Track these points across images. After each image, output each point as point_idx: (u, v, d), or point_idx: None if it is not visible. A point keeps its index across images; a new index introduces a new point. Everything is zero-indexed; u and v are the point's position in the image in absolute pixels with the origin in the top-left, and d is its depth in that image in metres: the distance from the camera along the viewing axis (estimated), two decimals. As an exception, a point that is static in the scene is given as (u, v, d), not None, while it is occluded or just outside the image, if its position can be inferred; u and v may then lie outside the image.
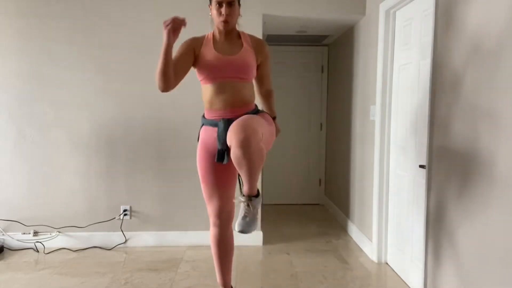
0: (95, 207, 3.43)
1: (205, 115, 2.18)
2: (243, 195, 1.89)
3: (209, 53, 2.11)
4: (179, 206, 3.47)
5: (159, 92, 3.46)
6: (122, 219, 3.44)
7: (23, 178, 3.37)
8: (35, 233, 3.41)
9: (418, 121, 2.58)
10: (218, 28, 2.13)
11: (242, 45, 2.14)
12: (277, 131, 2.30)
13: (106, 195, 3.43)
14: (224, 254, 2.27)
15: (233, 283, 2.74)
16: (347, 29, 3.98)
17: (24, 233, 3.40)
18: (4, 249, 3.36)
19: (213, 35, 2.18)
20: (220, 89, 2.07)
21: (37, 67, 3.31)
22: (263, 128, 1.93)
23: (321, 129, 5.00)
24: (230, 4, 2.05)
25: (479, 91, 1.88)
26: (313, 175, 5.05)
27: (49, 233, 3.42)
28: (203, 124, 2.20)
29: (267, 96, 2.37)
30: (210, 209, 2.22)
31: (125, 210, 3.43)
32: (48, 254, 3.29)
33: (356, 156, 3.69)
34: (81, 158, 3.38)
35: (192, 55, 2.15)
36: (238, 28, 2.23)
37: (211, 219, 2.24)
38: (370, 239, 3.26)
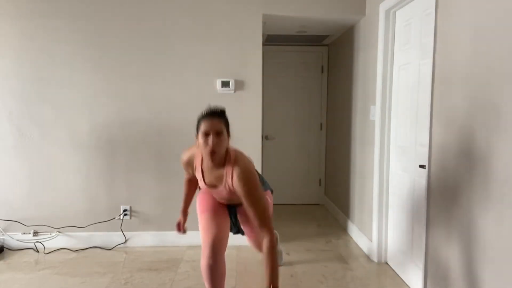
0: (95, 207, 3.43)
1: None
2: None
3: (198, 179, 2.19)
4: (179, 206, 3.47)
5: (159, 92, 3.48)
6: (122, 219, 3.44)
7: (23, 178, 3.37)
8: (35, 233, 3.41)
9: (418, 122, 2.58)
10: (205, 158, 1.99)
11: (225, 178, 2.04)
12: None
13: (106, 195, 3.43)
14: (220, 281, 2.13)
15: (233, 283, 2.75)
16: (347, 29, 3.98)
17: (24, 233, 3.40)
18: (4, 249, 3.37)
19: (202, 160, 2.10)
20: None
21: (37, 67, 3.31)
22: (266, 201, 2.03)
23: (321, 129, 5.00)
24: (217, 134, 1.91)
25: (479, 91, 1.88)
26: (313, 175, 5.05)
27: (49, 233, 3.42)
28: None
29: (264, 251, 1.93)
30: (206, 240, 2.11)
31: (125, 210, 3.43)
32: (48, 254, 3.29)
33: (356, 156, 3.69)
34: (81, 158, 3.38)
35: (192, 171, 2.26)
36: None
37: (207, 251, 2.08)
38: (370, 239, 3.26)
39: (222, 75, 3.38)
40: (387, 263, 3.10)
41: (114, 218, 3.44)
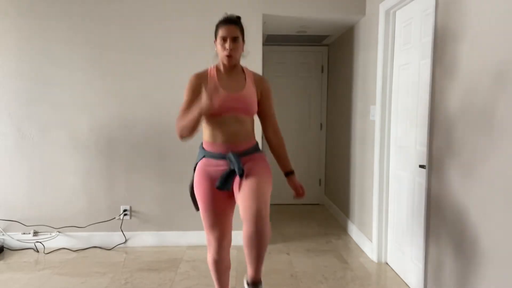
0: (95, 207, 3.43)
1: (205, 147, 2.16)
2: (247, 284, 1.94)
3: (214, 88, 2.13)
4: (179, 206, 3.47)
5: (159, 92, 3.48)
6: (122, 219, 3.44)
7: (23, 178, 3.37)
8: (35, 233, 3.41)
9: (418, 121, 2.58)
10: (222, 63, 2.12)
11: (245, 80, 2.15)
12: (298, 187, 2.44)
13: (106, 195, 3.43)
14: (225, 274, 2.31)
15: (233, 283, 2.75)
16: (347, 29, 3.98)
17: (24, 233, 3.40)
18: (4, 249, 3.37)
19: (217, 70, 2.17)
20: (224, 123, 2.08)
21: (37, 67, 3.31)
22: (269, 190, 2.08)
23: (321, 129, 5.00)
24: (234, 39, 2.07)
25: (479, 91, 1.88)
26: (313, 175, 5.05)
27: (49, 233, 3.42)
28: (204, 156, 2.16)
29: (278, 146, 2.29)
30: (211, 237, 2.16)
31: (125, 210, 3.43)
32: (48, 254, 3.29)
33: (356, 156, 3.69)
34: (81, 158, 3.38)
35: (201, 91, 2.14)
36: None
37: (212, 247, 2.19)
38: (370, 239, 3.26)
39: (222, 75, 3.38)
40: (387, 263, 3.10)
41: (114, 218, 3.44)
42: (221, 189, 2.07)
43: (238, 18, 2.21)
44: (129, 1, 3.31)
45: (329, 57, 4.89)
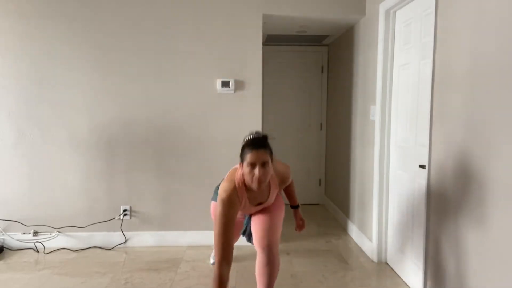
0: (95, 207, 3.43)
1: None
2: None
3: (245, 207, 2.20)
4: (179, 206, 3.47)
5: (159, 92, 3.48)
6: (122, 219, 3.44)
7: (23, 178, 3.37)
8: (35, 233, 3.41)
9: (418, 121, 2.58)
10: (252, 187, 2.02)
11: (269, 190, 2.22)
12: (299, 220, 2.61)
13: (106, 195, 3.43)
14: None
15: (233, 283, 2.75)
16: (347, 29, 3.98)
17: (24, 233, 3.40)
18: (4, 249, 3.37)
19: (247, 189, 2.11)
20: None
21: (37, 67, 3.31)
22: (281, 221, 2.28)
23: (321, 129, 5.00)
24: (264, 165, 1.94)
25: (479, 91, 1.88)
26: (313, 175, 5.05)
27: (49, 233, 3.42)
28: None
29: (290, 186, 2.54)
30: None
31: (125, 210, 3.43)
32: (48, 254, 3.29)
33: (356, 156, 3.69)
34: (81, 158, 3.38)
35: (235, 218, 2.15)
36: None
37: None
38: (370, 239, 3.26)
39: (222, 75, 3.38)
40: (387, 263, 3.10)
41: (114, 218, 3.44)
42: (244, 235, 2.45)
43: (266, 139, 2.05)
44: (129, 2, 3.31)
45: (329, 57, 4.89)
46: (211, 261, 3.08)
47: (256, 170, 1.93)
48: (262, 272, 2.15)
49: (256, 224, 2.24)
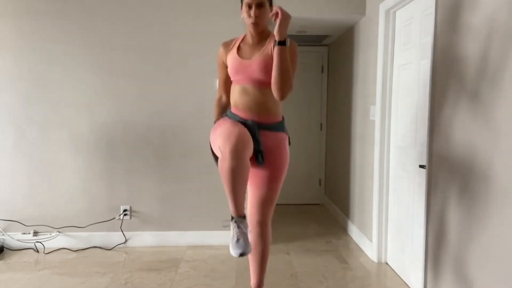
0: (95, 207, 3.43)
1: (232, 110, 2.17)
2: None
3: (232, 57, 2.13)
4: (179, 206, 3.47)
5: (159, 92, 3.48)
6: (122, 219, 3.44)
7: (23, 178, 3.37)
8: (35, 233, 3.41)
9: (418, 121, 2.58)
10: (249, 30, 2.11)
11: (265, 47, 2.08)
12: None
13: (106, 195, 3.43)
14: (243, 183, 1.92)
15: (233, 283, 2.75)
16: (347, 29, 3.98)
17: (24, 233, 3.40)
18: (4, 249, 3.37)
19: (245, 37, 2.18)
20: (242, 93, 2.09)
21: (37, 67, 3.31)
22: (278, 190, 2.19)
23: (321, 129, 5.00)
24: (259, 6, 2.03)
25: (479, 91, 1.88)
26: (313, 175, 5.05)
27: (49, 233, 3.42)
28: (226, 115, 2.19)
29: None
30: (228, 144, 1.85)
31: (125, 210, 3.43)
32: (48, 254, 3.29)
33: (356, 156, 3.69)
34: (81, 158, 3.38)
35: (225, 65, 2.23)
36: (270, 28, 2.16)
37: (228, 151, 1.83)
38: (370, 239, 3.26)
39: (222, 75, 3.38)
40: (387, 263, 3.10)
41: (114, 218, 3.44)
42: (260, 164, 2.08)
43: None
44: (129, 1, 3.31)
45: (329, 57, 4.89)
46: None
47: (252, 11, 2.01)
48: (252, 249, 2.14)
49: (253, 197, 2.15)
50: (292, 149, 5.10)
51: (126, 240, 3.45)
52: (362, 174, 3.50)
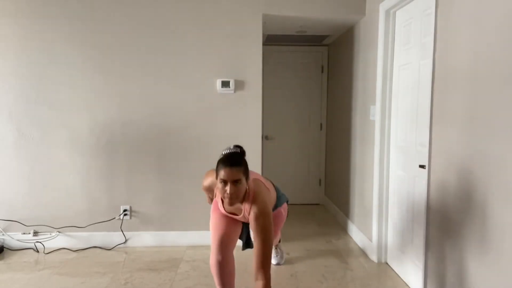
0: (95, 207, 3.43)
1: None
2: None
3: (219, 206, 2.31)
4: (179, 206, 3.47)
5: (159, 92, 3.48)
6: (122, 219, 3.44)
7: (23, 178, 3.37)
8: (35, 233, 3.41)
9: (418, 121, 2.58)
10: (224, 202, 2.12)
11: (242, 211, 2.21)
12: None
13: (106, 195, 3.43)
14: (230, 276, 2.26)
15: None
16: (347, 29, 3.98)
17: (24, 233, 3.40)
18: (4, 249, 3.37)
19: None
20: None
21: (37, 67, 3.31)
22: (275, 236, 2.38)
23: (321, 129, 5.00)
24: (235, 183, 1.93)
25: (479, 91, 1.88)
26: (313, 175, 5.05)
27: (49, 233, 3.42)
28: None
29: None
30: (214, 238, 2.27)
31: (125, 210, 3.43)
32: (48, 254, 3.29)
33: (356, 156, 3.69)
34: (81, 158, 3.38)
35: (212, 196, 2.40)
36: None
37: (215, 247, 2.26)
38: (370, 239, 3.26)
39: (222, 75, 3.38)
40: (387, 263, 3.10)
41: (114, 218, 3.44)
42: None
43: (241, 155, 2.04)
44: (129, 1, 3.31)
45: (329, 57, 4.89)
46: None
47: (227, 188, 1.93)
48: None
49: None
50: (292, 149, 5.11)
51: (126, 240, 3.45)
52: (362, 174, 3.50)
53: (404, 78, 2.80)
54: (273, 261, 3.00)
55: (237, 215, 2.25)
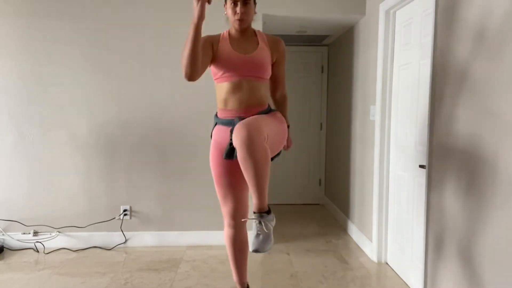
0: (95, 207, 3.43)
1: (218, 114, 2.15)
2: (254, 212, 1.85)
3: (226, 50, 2.07)
4: (179, 206, 3.47)
5: (159, 92, 3.47)
6: (122, 219, 3.44)
7: (23, 178, 3.37)
8: (35, 233, 3.41)
9: (418, 121, 2.58)
10: (234, 27, 2.11)
11: (258, 43, 2.12)
12: (289, 142, 2.31)
13: (106, 195, 3.43)
14: (240, 253, 2.27)
15: (233, 283, 2.74)
16: (347, 29, 3.98)
17: (24, 233, 3.40)
18: (4, 249, 3.37)
19: (229, 34, 2.16)
20: (236, 88, 2.04)
21: (37, 67, 3.31)
22: (270, 128, 1.90)
23: (321, 129, 5.00)
24: (245, 3, 2.03)
25: (479, 91, 1.88)
26: (313, 175, 5.05)
27: (49, 233, 3.42)
28: (216, 124, 2.18)
29: (281, 102, 2.32)
30: (224, 210, 2.19)
31: (125, 210, 3.43)
32: (48, 254, 3.29)
33: (356, 156, 3.69)
34: (81, 158, 3.38)
35: (211, 49, 2.10)
36: (253, 26, 2.19)
37: (226, 220, 2.21)
38: (370, 239, 3.26)
39: (222, 75, 3.38)
40: (387, 263, 3.10)
41: (114, 218, 3.44)
42: (228, 159, 2.01)
43: None
44: (129, 2, 3.31)
45: (329, 57, 4.89)
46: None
47: (238, 8, 2.01)
48: (245, 172, 1.78)
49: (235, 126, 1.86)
50: (292, 149, 5.10)
51: (126, 240, 3.45)
52: (362, 174, 3.50)
53: (404, 78, 2.80)
54: (251, 246, 1.83)
55: (246, 53, 2.06)
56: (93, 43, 3.32)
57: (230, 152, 1.98)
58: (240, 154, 1.76)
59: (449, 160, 2.13)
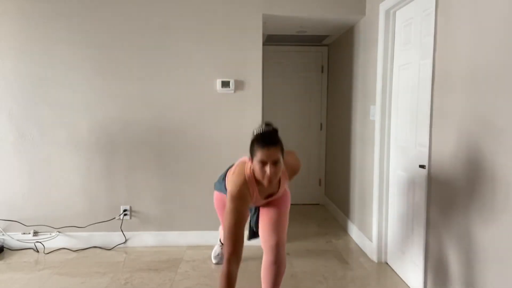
0: (95, 207, 3.43)
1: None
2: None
3: (254, 197, 2.09)
4: (179, 206, 3.47)
5: (159, 92, 3.48)
6: (122, 219, 3.44)
7: (23, 178, 3.37)
8: (35, 233, 3.41)
9: (418, 121, 2.58)
10: (262, 182, 1.96)
11: (280, 181, 2.16)
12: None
13: (106, 195, 3.43)
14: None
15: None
16: (347, 29, 3.98)
17: (24, 233, 3.40)
18: (4, 249, 3.37)
19: (256, 180, 2.02)
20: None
21: (37, 67, 3.31)
22: (287, 219, 2.24)
23: (321, 129, 5.00)
24: (275, 163, 1.86)
25: (479, 91, 1.88)
26: (313, 175, 5.05)
27: (49, 233, 3.42)
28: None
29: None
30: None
31: (125, 210, 3.43)
32: (48, 254, 3.29)
33: (356, 156, 3.69)
34: (81, 158, 3.38)
35: (248, 208, 2.05)
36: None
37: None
38: (370, 239, 3.26)
39: (222, 75, 3.38)
40: (387, 263, 3.10)
41: (114, 218, 3.44)
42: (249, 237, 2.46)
43: (276, 132, 1.96)
44: (130, 1, 3.31)
45: (329, 57, 4.89)
46: (213, 260, 3.08)
47: (267, 168, 1.85)
48: (269, 271, 2.11)
49: (264, 222, 2.19)
50: (293, 149, 5.10)
51: (126, 240, 3.45)
52: (362, 174, 3.50)
53: (404, 78, 2.80)
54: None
55: (271, 195, 2.16)
56: (93, 43, 3.32)
57: (253, 233, 2.40)
58: (268, 258, 2.11)
59: (449, 160, 2.13)
